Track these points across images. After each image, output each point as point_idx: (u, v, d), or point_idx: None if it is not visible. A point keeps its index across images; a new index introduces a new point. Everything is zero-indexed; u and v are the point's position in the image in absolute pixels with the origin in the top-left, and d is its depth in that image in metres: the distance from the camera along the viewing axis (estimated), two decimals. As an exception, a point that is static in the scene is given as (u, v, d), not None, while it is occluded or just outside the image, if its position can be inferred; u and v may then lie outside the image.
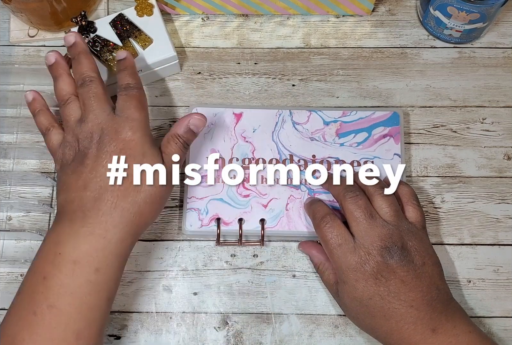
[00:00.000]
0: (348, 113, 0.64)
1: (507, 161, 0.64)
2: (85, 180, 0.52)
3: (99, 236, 0.51)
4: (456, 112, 0.66)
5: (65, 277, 0.50)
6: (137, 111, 0.55)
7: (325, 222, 0.55)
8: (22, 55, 0.69)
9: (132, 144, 0.53)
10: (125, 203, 0.52)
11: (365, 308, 0.53)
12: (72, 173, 0.53)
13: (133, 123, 0.54)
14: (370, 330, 0.55)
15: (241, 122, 0.63)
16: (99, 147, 0.53)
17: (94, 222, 0.51)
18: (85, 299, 0.50)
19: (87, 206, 0.51)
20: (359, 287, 0.53)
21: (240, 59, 0.69)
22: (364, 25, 0.70)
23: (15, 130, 0.65)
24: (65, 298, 0.49)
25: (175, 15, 0.70)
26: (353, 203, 0.54)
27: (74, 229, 0.51)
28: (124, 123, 0.54)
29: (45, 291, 0.49)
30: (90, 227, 0.51)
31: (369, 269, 0.52)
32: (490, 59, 0.68)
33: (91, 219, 0.51)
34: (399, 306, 0.52)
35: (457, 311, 0.54)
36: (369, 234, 0.53)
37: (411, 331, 0.51)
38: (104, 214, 0.51)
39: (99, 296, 0.51)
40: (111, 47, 0.64)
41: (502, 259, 0.61)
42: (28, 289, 0.51)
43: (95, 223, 0.51)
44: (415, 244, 0.53)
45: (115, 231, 0.51)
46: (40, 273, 0.50)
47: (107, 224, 0.51)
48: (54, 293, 0.49)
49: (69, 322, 0.49)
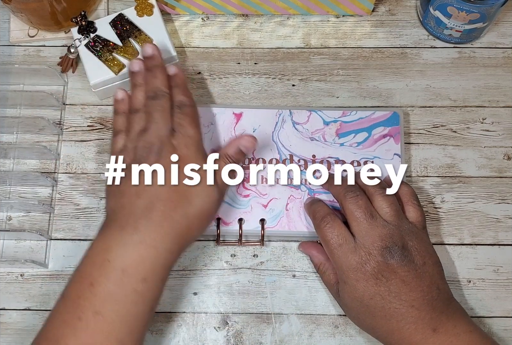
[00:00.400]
0: (348, 113, 0.64)
1: (507, 161, 0.64)
2: (138, 187, 0.53)
3: (149, 245, 0.50)
4: (456, 112, 0.66)
5: (112, 285, 0.49)
6: (192, 128, 0.56)
7: (325, 222, 0.55)
8: (22, 55, 0.69)
9: (187, 160, 0.54)
10: (176, 214, 0.52)
11: (366, 308, 0.53)
12: (127, 177, 0.54)
13: (188, 140, 0.55)
14: (370, 330, 0.55)
15: (241, 122, 0.63)
16: (156, 159, 0.54)
17: (145, 231, 0.51)
18: (130, 308, 0.50)
19: (138, 214, 0.51)
20: (359, 287, 0.53)
21: (240, 59, 0.69)
22: (364, 25, 0.70)
23: (15, 130, 0.65)
24: (110, 306, 0.49)
25: (175, 15, 0.70)
26: (354, 203, 0.54)
27: (124, 236, 0.51)
28: (180, 140, 0.55)
29: (91, 297, 0.49)
30: (140, 236, 0.50)
31: (370, 269, 0.52)
32: (490, 59, 0.68)
33: (142, 227, 0.51)
34: (400, 306, 0.52)
35: (457, 311, 0.54)
36: (369, 234, 0.53)
37: (412, 330, 0.51)
38: (155, 223, 0.51)
39: (143, 305, 0.50)
40: (111, 47, 0.64)
41: (502, 259, 0.61)
42: (74, 294, 0.50)
43: (146, 232, 0.51)
44: (415, 244, 0.53)
45: (164, 241, 0.51)
46: (87, 279, 0.50)
47: (158, 233, 0.51)
48: (100, 300, 0.49)
49: (113, 330, 0.49)
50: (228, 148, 0.57)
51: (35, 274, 0.62)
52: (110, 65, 0.64)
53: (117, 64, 0.64)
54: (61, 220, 0.63)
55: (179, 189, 0.53)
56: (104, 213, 0.55)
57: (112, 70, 0.64)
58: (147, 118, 0.56)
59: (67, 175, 0.65)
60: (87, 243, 0.62)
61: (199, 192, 0.53)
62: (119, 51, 0.64)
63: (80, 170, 0.65)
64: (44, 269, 0.62)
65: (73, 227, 0.63)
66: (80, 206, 0.64)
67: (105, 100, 0.67)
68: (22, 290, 0.61)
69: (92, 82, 0.64)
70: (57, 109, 0.67)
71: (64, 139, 0.66)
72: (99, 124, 0.66)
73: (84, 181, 0.64)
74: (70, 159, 0.65)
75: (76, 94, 0.68)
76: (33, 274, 0.62)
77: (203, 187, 0.54)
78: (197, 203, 0.53)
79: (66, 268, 0.62)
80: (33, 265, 0.60)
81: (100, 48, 0.64)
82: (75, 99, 0.67)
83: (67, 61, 0.67)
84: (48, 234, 0.63)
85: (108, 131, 0.66)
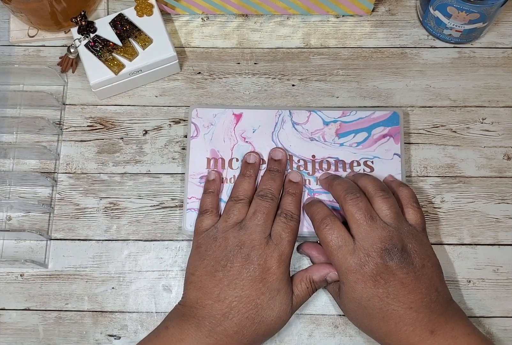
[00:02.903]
0: (348, 113, 0.64)
1: (507, 161, 0.64)
2: (221, 289, 0.53)
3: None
4: (456, 112, 0.66)
5: None
6: (289, 245, 0.55)
7: (325, 224, 0.55)
8: (22, 55, 0.69)
9: (272, 277, 0.54)
10: (248, 331, 0.53)
11: (364, 310, 0.53)
12: (211, 273, 0.54)
13: (281, 257, 0.54)
14: (369, 332, 0.55)
15: (241, 123, 0.63)
16: (243, 264, 0.54)
17: (218, 339, 0.52)
18: None
19: (216, 319, 0.53)
20: (358, 288, 0.53)
21: (240, 59, 0.69)
22: (364, 25, 0.70)
23: (15, 130, 0.65)
24: None
25: (175, 15, 0.70)
26: (354, 204, 0.54)
27: (200, 336, 0.52)
28: (273, 253, 0.54)
29: None
30: (212, 341, 0.52)
31: (369, 270, 0.52)
32: (490, 59, 0.68)
33: (216, 335, 0.52)
34: (398, 307, 0.52)
35: (456, 313, 0.53)
36: (369, 235, 0.53)
37: (409, 333, 0.51)
38: (227, 335, 0.52)
39: None
40: (111, 47, 0.64)
41: (502, 259, 0.61)
42: None
43: (219, 340, 0.52)
44: (415, 246, 0.53)
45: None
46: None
47: (226, 343, 0.53)
48: None
49: None
50: (315, 273, 0.56)
51: (35, 274, 0.62)
52: (110, 65, 0.64)
53: (117, 64, 0.64)
54: (61, 220, 0.63)
55: (259, 304, 0.53)
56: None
57: (112, 70, 0.64)
58: (249, 214, 0.56)
59: (67, 175, 0.65)
60: (87, 243, 0.62)
61: (275, 312, 0.53)
62: (119, 51, 0.64)
63: (80, 171, 0.65)
64: (44, 269, 0.62)
65: (73, 227, 0.63)
66: (80, 206, 0.64)
67: (105, 100, 0.67)
68: (22, 290, 0.61)
69: (92, 82, 0.64)
70: (57, 109, 0.67)
71: (64, 139, 0.66)
72: (99, 124, 0.66)
73: (84, 181, 0.64)
74: (70, 159, 0.65)
75: (76, 94, 0.68)
76: (33, 274, 0.62)
77: (280, 309, 0.54)
78: (268, 322, 0.53)
79: (66, 268, 0.62)
80: (33, 265, 0.60)
81: (100, 48, 0.64)
82: (75, 99, 0.67)
83: (67, 61, 0.67)
84: (48, 234, 0.63)
85: (108, 131, 0.66)
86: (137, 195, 0.64)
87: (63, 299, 0.61)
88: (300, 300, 0.56)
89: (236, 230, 0.55)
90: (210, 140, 0.63)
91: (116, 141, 0.66)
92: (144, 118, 0.66)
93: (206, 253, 0.55)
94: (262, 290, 0.53)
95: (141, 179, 0.64)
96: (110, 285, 0.61)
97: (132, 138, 0.66)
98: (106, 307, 0.61)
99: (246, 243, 0.54)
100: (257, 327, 0.53)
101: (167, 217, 0.63)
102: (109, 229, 0.63)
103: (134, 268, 0.62)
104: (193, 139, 0.63)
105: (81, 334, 0.60)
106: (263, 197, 0.57)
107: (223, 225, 0.56)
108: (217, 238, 0.55)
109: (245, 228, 0.55)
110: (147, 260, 0.62)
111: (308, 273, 0.56)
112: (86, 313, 0.61)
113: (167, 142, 0.65)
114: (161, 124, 0.66)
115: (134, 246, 0.62)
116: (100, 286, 0.61)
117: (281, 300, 0.54)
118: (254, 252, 0.54)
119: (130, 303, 0.61)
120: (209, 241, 0.55)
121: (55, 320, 0.60)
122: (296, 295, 0.55)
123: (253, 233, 0.55)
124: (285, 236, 0.55)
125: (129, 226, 0.63)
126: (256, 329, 0.53)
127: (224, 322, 0.52)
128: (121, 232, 0.63)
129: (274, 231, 0.55)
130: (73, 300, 0.61)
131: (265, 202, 0.56)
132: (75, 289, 0.61)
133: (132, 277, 0.61)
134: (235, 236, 0.55)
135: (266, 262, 0.54)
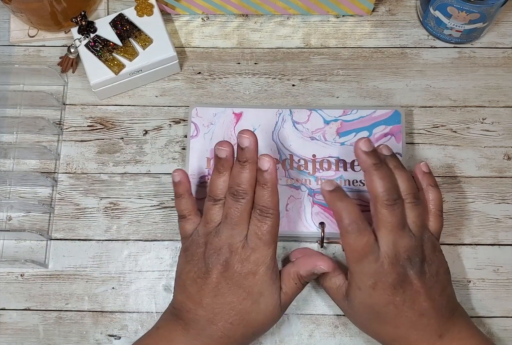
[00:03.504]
0: (349, 112, 0.63)
1: (507, 161, 0.64)
2: (203, 296, 0.52)
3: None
4: (456, 112, 0.66)
5: None
6: (267, 245, 0.53)
7: (354, 229, 0.51)
8: (22, 55, 0.69)
9: (252, 281, 0.52)
10: (235, 334, 0.52)
11: (376, 315, 0.52)
12: (193, 279, 0.53)
13: (259, 259, 0.52)
14: (375, 335, 0.54)
15: (241, 122, 0.63)
16: (222, 272, 0.52)
17: (205, 342, 0.52)
18: None
19: (200, 324, 0.52)
20: (375, 295, 0.51)
21: (240, 59, 0.69)
22: (364, 25, 0.70)
23: (15, 130, 0.65)
24: None
25: (175, 15, 0.70)
26: (390, 210, 0.51)
27: (188, 338, 0.53)
28: (250, 256, 0.52)
29: None
30: (200, 343, 0.52)
31: (390, 279, 0.51)
32: (490, 59, 0.68)
33: (203, 338, 0.52)
34: (411, 315, 0.51)
35: (462, 315, 0.54)
36: (396, 244, 0.51)
37: (418, 337, 0.51)
38: (214, 339, 0.52)
39: None
40: (111, 47, 0.64)
41: (502, 259, 0.61)
42: None
43: (206, 343, 0.52)
44: (433, 255, 0.53)
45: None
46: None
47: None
48: None
49: None
50: (302, 267, 0.54)
51: (35, 274, 0.62)
52: (110, 65, 0.64)
53: (117, 64, 0.64)
54: (61, 220, 0.63)
55: (242, 309, 0.52)
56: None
57: (112, 70, 0.64)
58: (222, 218, 0.53)
59: (67, 175, 0.65)
60: (87, 243, 0.62)
61: (261, 314, 0.53)
62: (119, 51, 0.64)
63: (80, 171, 0.65)
64: (44, 269, 0.62)
65: (73, 227, 0.63)
66: (80, 206, 0.64)
67: (105, 100, 0.67)
68: (22, 290, 0.61)
69: (92, 82, 0.64)
70: (57, 109, 0.67)
71: (64, 139, 0.66)
72: (99, 124, 0.66)
73: (84, 181, 0.64)
74: (70, 159, 0.65)
75: (76, 94, 0.68)
76: (33, 274, 0.62)
77: (267, 310, 0.53)
78: (256, 325, 0.53)
79: (66, 268, 0.62)
80: (33, 265, 0.60)
81: (100, 48, 0.64)
82: (75, 99, 0.67)
83: (67, 61, 0.67)
84: (48, 234, 0.63)
85: (108, 131, 0.66)
86: (137, 195, 0.64)
87: (63, 299, 0.61)
88: (290, 296, 0.55)
89: (213, 236, 0.53)
90: (210, 140, 0.63)
91: (116, 141, 0.66)
92: (144, 118, 0.66)
93: (192, 258, 0.54)
94: (243, 295, 0.52)
95: (141, 178, 0.64)
96: (110, 285, 0.61)
97: (132, 138, 0.66)
98: (106, 307, 0.61)
99: (222, 249, 0.52)
100: (244, 330, 0.53)
101: (167, 217, 0.63)
102: (109, 229, 0.63)
103: (134, 268, 0.62)
104: (193, 139, 0.63)
105: (81, 334, 0.60)
106: (234, 196, 0.53)
107: (203, 230, 0.54)
108: (199, 243, 0.54)
109: (220, 233, 0.53)
110: (147, 260, 0.62)
111: (295, 268, 0.54)
112: (86, 313, 0.61)
113: (167, 142, 0.65)
114: (161, 124, 0.66)
115: (134, 246, 0.62)
116: (100, 286, 0.61)
117: (266, 301, 0.53)
118: (231, 258, 0.52)
119: (130, 303, 0.61)
120: (193, 246, 0.54)
121: (55, 320, 0.60)
122: (284, 292, 0.54)
123: (229, 238, 0.53)
124: (261, 235, 0.52)
125: (129, 226, 0.63)
126: (244, 333, 0.53)
127: (209, 327, 0.52)
128: (121, 232, 0.63)
129: (250, 231, 0.52)
130: (73, 300, 0.61)
131: (236, 202, 0.52)
132: (75, 289, 0.61)
133: (132, 277, 0.61)
134: (212, 242, 0.53)
135: (244, 266, 0.52)
